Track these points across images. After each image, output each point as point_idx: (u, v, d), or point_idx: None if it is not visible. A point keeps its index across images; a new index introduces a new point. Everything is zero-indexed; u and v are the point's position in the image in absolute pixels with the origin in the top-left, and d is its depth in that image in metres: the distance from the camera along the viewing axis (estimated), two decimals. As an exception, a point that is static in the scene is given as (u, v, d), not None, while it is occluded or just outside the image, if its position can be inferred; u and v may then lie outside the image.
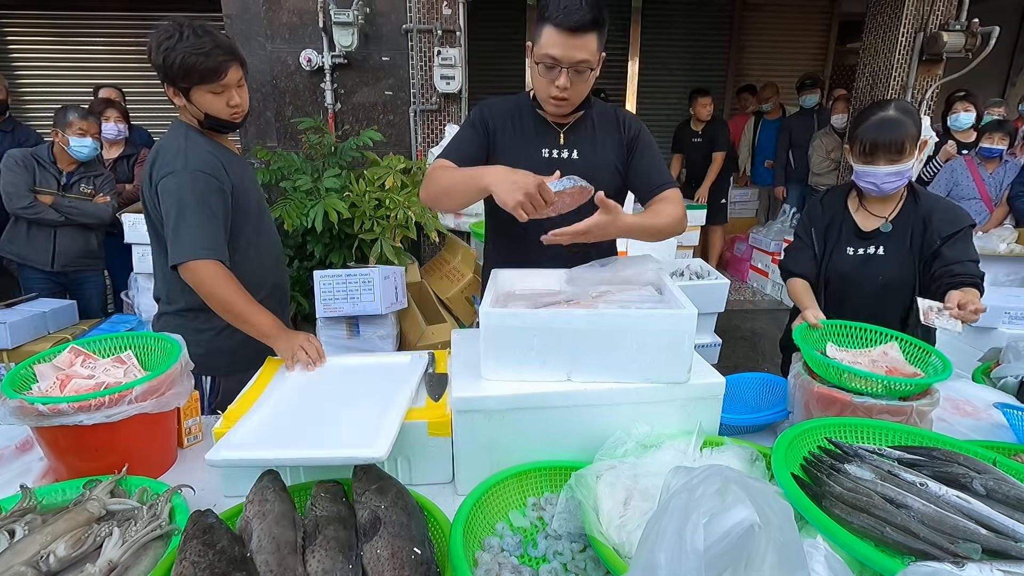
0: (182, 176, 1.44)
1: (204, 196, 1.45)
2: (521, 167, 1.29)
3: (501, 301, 1.22)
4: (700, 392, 1.10)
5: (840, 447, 0.97)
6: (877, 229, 1.65)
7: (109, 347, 1.28)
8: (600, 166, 1.48)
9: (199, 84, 1.43)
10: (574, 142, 1.50)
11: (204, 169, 1.46)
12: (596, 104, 1.54)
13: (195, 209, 1.43)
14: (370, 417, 1.05)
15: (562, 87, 1.33)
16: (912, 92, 4.22)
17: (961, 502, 0.83)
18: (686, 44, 6.59)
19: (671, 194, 1.47)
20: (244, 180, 1.59)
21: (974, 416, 1.43)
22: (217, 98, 1.47)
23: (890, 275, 1.64)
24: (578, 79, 1.34)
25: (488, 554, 0.88)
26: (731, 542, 0.56)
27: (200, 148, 1.50)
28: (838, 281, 1.68)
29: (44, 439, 1.10)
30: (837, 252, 1.68)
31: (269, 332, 1.42)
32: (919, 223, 1.61)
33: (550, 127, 1.50)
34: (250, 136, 3.86)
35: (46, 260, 3.00)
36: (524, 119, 1.51)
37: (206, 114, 1.50)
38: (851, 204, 1.71)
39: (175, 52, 1.38)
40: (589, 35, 1.28)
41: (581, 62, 1.30)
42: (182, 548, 0.74)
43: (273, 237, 1.75)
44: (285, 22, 3.69)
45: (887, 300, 1.66)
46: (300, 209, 3.09)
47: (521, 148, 1.49)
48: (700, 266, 3.77)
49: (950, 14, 4.08)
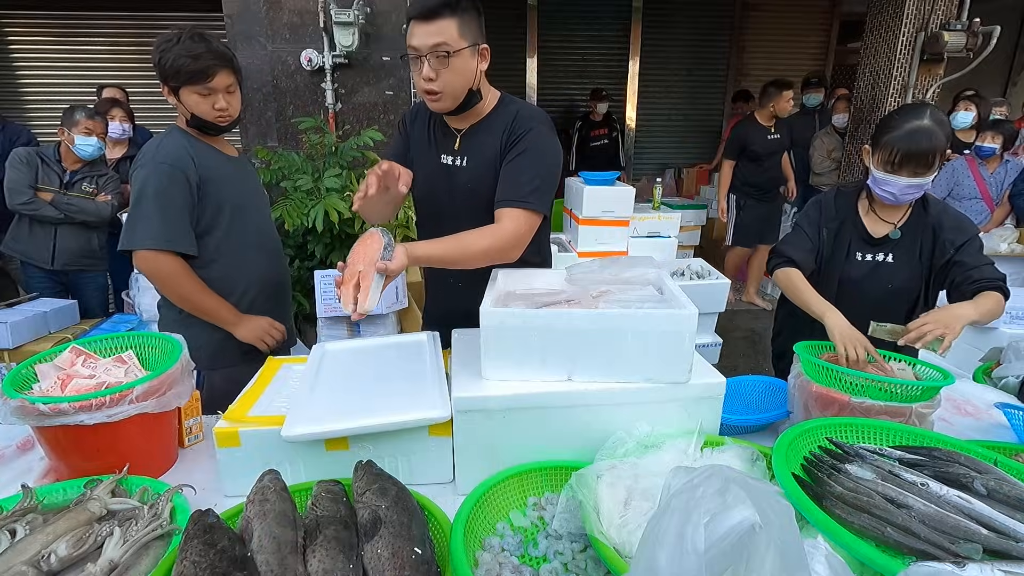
0: (147, 168, 1.51)
1: (163, 187, 1.49)
2: (424, 173, 1.46)
3: (502, 301, 1.22)
4: (701, 392, 1.10)
5: (841, 447, 0.97)
6: (887, 235, 1.61)
7: (110, 347, 1.28)
8: (484, 174, 1.43)
9: (187, 84, 1.51)
10: (466, 148, 1.47)
11: (167, 161, 1.51)
12: (506, 106, 1.45)
13: (152, 199, 1.48)
14: (415, 387, 1.14)
15: (426, 77, 1.30)
16: (913, 92, 4.22)
17: (962, 502, 0.82)
18: (687, 44, 6.60)
19: (515, 215, 1.33)
20: (222, 175, 1.61)
21: (975, 416, 1.43)
22: (203, 100, 1.53)
23: (899, 283, 1.62)
24: (441, 67, 1.29)
25: (489, 554, 0.88)
26: (732, 542, 0.56)
27: (174, 143, 1.55)
28: (848, 286, 1.64)
29: (45, 439, 1.10)
30: (849, 257, 1.64)
31: (227, 319, 1.59)
32: (928, 232, 1.59)
33: (450, 133, 1.48)
34: (251, 136, 3.86)
35: (47, 258, 3.01)
36: (433, 124, 1.51)
37: (192, 114, 1.56)
38: (861, 207, 1.66)
39: (169, 54, 1.48)
40: (444, 20, 1.27)
41: (437, 46, 1.28)
42: (183, 548, 0.74)
43: (268, 237, 1.78)
44: (286, 22, 3.69)
45: (892, 307, 1.64)
46: (301, 209, 3.09)
47: (425, 154, 1.51)
48: (701, 266, 3.77)
49: (951, 14, 4.08)
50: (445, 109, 1.39)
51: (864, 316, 1.46)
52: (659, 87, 6.68)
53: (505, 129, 1.41)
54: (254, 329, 1.64)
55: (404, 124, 1.56)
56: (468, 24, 1.30)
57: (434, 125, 1.51)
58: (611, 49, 6.54)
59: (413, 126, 1.54)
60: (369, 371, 1.27)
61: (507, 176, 1.38)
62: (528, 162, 1.37)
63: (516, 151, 1.38)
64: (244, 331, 1.62)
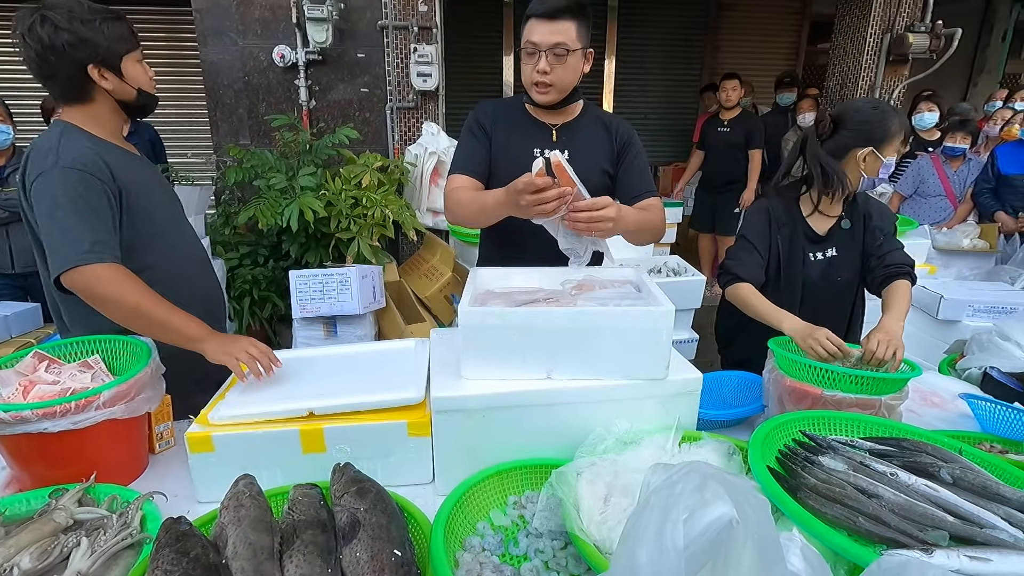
0: (51, 175, 1.23)
1: (80, 195, 1.23)
2: (518, 166, 1.35)
3: (480, 299, 1.22)
4: (678, 388, 1.11)
5: (814, 439, 0.99)
6: (831, 230, 1.65)
7: (75, 351, 1.24)
8: (590, 167, 1.50)
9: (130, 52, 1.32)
10: (566, 141, 1.53)
11: (77, 166, 1.24)
12: (591, 109, 1.59)
13: (70, 209, 1.22)
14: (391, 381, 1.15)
15: (542, 70, 1.40)
16: (880, 91, 4.33)
17: (929, 491, 0.85)
18: (662, 43, 6.66)
19: (655, 202, 1.53)
20: (143, 181, 1.39)
21: (941, 407, 1.48)
22: (144, 70, 1.36)
23: (847, 275, 1.67)
24: (557, 63, 1.40)
25: (469, 554, 0.88)
26: (710, 538, 0.57)
27: (76, 144, 1.28)
28: (809, 288, 1.66)
29: (6, 448, 1.06)
30: (804, 259, 1.65)
31: (196, 335, 1.22)
32: (861, 219, 1.65)
33: (543, 126, 1.54)
34: (222, 134, 3.78)
35: (6, 262, 2.90)
36: (517, 118, 1.56)
37: (138, 90, 1.36)
38: (804, 208, 1.66)
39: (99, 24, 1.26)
40: (565, 21, 1.37)
41: (557, 44, 1.38)
42: (154, 557, 0.72)
43: (194, 245, 1.56)
44: (257, 17, 3.62)
45: (843, 300, 1.69)
46: (275, 208, 3.04)
47: (516, 147, 1.52)
48: (677, 263, 3.81)
49: (915, 16, 4.20)
50: (551, 102, 1.48)
51: (823, 314, 1.49)
52: (635, 86, 6.73)
53: (607, 131, 1.56)
54: (228, 347, 1.21)
55: (481, 127, 1.55)
56: (584, 28, 1.41)
57: (523, 121, 1.55)
58: (588, 48, 6.56)
59: (496, 126, 1.55)
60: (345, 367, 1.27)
61: (633, 173, 1.55)
62: (643, 163, 1.58)
63: (632, 153, 1.56)
64: (216, 347, 1.21)
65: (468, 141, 1.56)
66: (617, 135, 1.56)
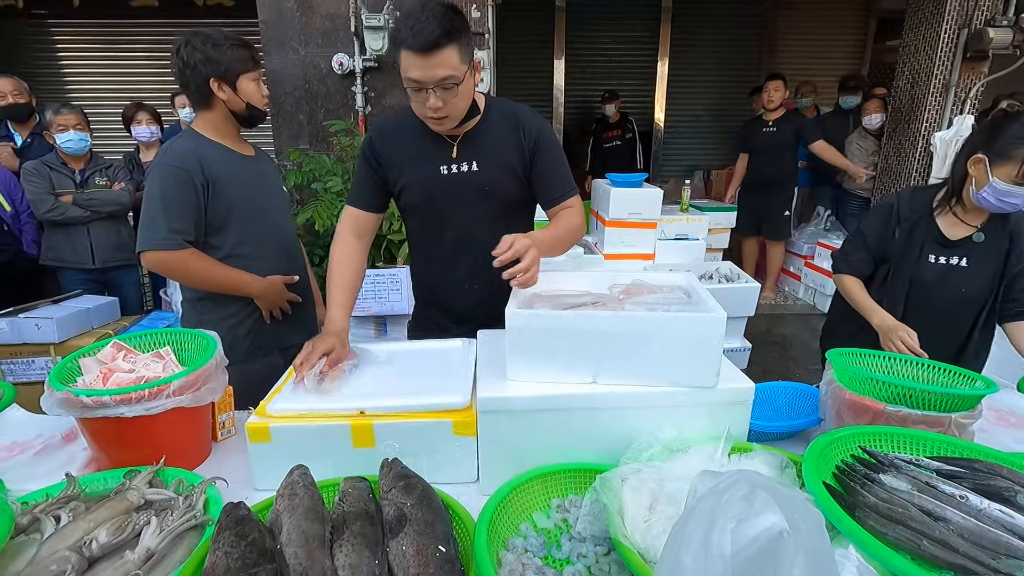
0: (155, 172, 1.54)
1: (167, 188, 1.52)
2: (423, 186, 1.43)
3: (527, 302, 1.22)
4: (729, 397, 1.08)
5: (875, 456, 0.94)
6: (965, 239, 1.55)
7: (149, 343, 1.33)
8: (500, 176, 1.44)
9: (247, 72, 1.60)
10: (470, 154, 1.43)
11: (174, 162, 1.53)
12: (494, 107, 1.46)
13: (157, 201, 1.52)
14: (439, 383, 1.18)
15: (434, 107, 1.28)
16: (955, 91, 4.07)
17: (1004, 516, 0.79)
18: (717, 44, 6.50)
19: (574, 201, 1.49)
20: (233, 174, 1.63)
21: (1019, 427, 1.38)
22: (258, 87, 1.63)
23: (974, 290, 1.56)
24: (448, 95, 1.27)
25: (512, 554, 0.88)
26: (759, 548, 0.55)
27: (183, 146, 1.58)
28: (919, 289, 1.58)
29: (88, 430, 1.15)
30: (920, 258, 1.58)
31: (248, 282, 1.64)
32: (1006, 238, 1.53)
33: (442, 141, 1.43)
34: (283, 138, 3.95)
35: (87, 258, 3.13)
36: (415, 135, 1.44)
37: (246, 104, 1.62)
38: (939, 207, 1.59)
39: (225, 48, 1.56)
40: (445, 50, 1.22)
41: (445, 79, 1.24)
42: (216, 538, 0.77)
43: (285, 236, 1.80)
44: (318, 27, 3.77)
45: (961, 314, 1.58)
46: (331, 210, 3.14)
47: (418, 166, 1.44)
48: (730, 269, 3.70)
49: (996, 9, 3.92)
50: (451, 127, 1.38)
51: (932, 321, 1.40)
52: (688, 88, 6.59)
53: (516, 130, 1.44)
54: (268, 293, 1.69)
55: (372, 152, 1.46)
56: (465, 46, 1.26)
57: (418, 138, 1.44)
58: (640, 50, 6.48)
59: (391, 145, 1.46)
60: (396, 364, 1.32)
61: (550, 172, 1.47)
62: (558, 157, 1.49)
63: (543, 149, 1.45)
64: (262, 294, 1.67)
65: (359, 170, 1.50)
66: (526, 132, 1.43)
